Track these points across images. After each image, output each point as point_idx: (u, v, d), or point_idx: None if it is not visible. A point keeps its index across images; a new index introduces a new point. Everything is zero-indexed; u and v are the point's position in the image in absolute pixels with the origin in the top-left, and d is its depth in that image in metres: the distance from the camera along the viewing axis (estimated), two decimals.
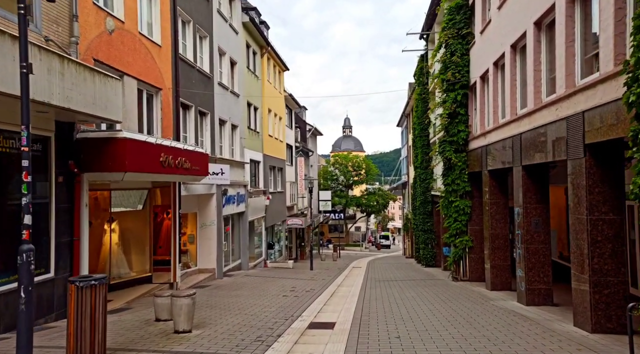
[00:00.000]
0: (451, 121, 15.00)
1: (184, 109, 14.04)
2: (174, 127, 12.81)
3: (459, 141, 14.86)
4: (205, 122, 15.73)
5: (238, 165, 18.95)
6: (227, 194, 16.87)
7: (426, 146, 23.78)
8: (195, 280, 14.70)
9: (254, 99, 21.88)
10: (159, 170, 9.72)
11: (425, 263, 23.51)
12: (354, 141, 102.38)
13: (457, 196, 15.19)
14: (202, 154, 12.07)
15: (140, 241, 12.53)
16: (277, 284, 15.05)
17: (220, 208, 16.34)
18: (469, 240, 14.98)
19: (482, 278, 14.86)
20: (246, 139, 20.35)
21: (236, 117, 18.90)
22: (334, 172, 59.19)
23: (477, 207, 15.07)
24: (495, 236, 12.38)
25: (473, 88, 14.50)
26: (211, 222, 16.07)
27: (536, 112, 8.78)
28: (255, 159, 22.03)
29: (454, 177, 15.09)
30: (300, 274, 19.18)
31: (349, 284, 15.86)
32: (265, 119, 23.92)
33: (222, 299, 11.12)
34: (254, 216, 21.20)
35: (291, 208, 31.13)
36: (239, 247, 19.60)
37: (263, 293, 12.67)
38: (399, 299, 11.21)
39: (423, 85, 23.68)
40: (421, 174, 23.96)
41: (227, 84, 17.77)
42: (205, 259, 16.02)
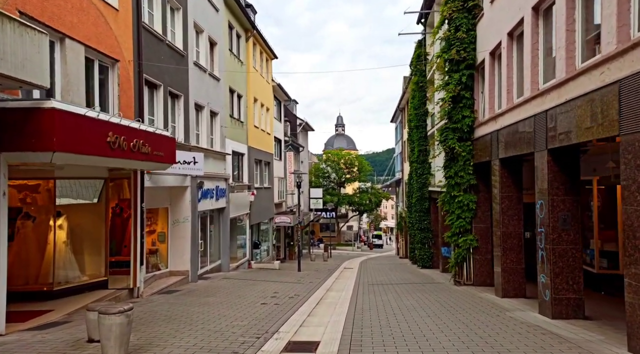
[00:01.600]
0: (455, 106, 13.33)
1: (150, 88, 12.23)
2: (136, 107, 11.00)
3: (463, 128, 13.19)
4: (177, 105, 13.91)
5: (218, 156, 17.16)
6: (204, 188, 15.07)
7: (423, 138, 22.15)
8: (164, 284, 12.90)
9: (237, 85, 20.09)
10: (105, 153, 7.92)
11: (421, 264, 21.88)
12: (347, 139, 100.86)
13: (460, 190, 13.54)
14: (166, 138, 10.28)
15: (94, 239, 10.71)
16: (258, 288, 13.30)
17: (196, 203, 14.54)
18: (474, 239, 13.33)
19: (488, 282, 13.23)
20: (228, 129, 18.55)
21: (216, 104, 17.10)
22: (326, 170, 57.46)
23: (483, 203, 13.43)
24: (507, 235, 10.74)
25: (480, 68, 12.84)
26: (185, 219, 14.27)
27: (569, 82, 7.12)
28: (239, 150, 20.24)
29: (457, 169, 13.44)
30: (286, 277, 17.44)
31: (339, 289, 14.15)
32: (250, 109, 22.14)
33: (187, 309, 9.35)
34: (237, 212, 19.42)
35: (279, 205, 29.37)
36: (218, 246, 17.81)
37: (239, 299, 10.92)
38: (396, 309, 9.52)
39: (420, 73, 22.03)
40: (418, 168, 22.32)
41: (205, 65, 15.96)
42: (178, 260, 14.22)
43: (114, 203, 11.96)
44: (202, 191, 15.17)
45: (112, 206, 12.03)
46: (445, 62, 13.56)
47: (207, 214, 16.47)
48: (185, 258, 14.22)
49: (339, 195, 56.32)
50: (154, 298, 10.93)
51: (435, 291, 12.58)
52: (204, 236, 16.14)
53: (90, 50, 9.24)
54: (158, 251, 14.09)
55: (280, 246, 31.48)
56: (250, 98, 22.14)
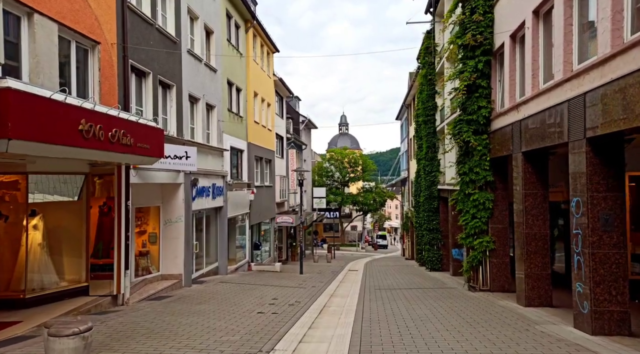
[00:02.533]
0: (469, 96, 12.26)
1: (137, 76, 11.23)
2: (121, 95, 10.00)
3: (479, 120, 12.12)
4: (169, 96, 12.91)
5: (215, 152, 16.15)
6: (198, 185, 14.06)
7: (432, 134, 21.07)
8: (155, 289, 11.90)
9: (236, 78, 19.07)
10: (77, 142, 6.91)
11: (430, 267, 20.79)
12: (350, 138, 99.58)
13: (475, 187, 12.46)
14: (152, 129, 9.27)
15: (74, 241, 9.71)
16: (256, 294, 12.28)
17: (190, 201, 13.54)
18: (490, 241, 12.26)
19: (506, 287, 12.17)
20: (226, 123, 17.54)
21: (213, 96, 16.10)
22: (329, 169, 56.41)
23: (501, 201, 12.36)
24: (531, 237, 9.66)
25: (498, 54, 11.77)
26: (177, 219, 13.26)
27: (617, 57, 6.04)
28: (238, 147, 19.23)
29: (472, 165, 12.36)
30: (287, 280, 16.42)
31: (343, 294, 13.11)
32: (250, 103, 21.12)
33: (174, 320, 8.33)
34: (235, 212, 18.41)
35: (281, 205, 28.35)
36: (215, 248, 16.80)
37: (234, 307, 9.90)
38: (409, 320, 8.46)
39: (429, 66, 20.95)
40: (426, 166, 21.23)
41: (201, 54, 14.95)
42: (170, 262, 13.21)
43: (101, 201, 11.02)
44: (197, 188, 14.16)
45: (100, 205, 11.09)
46: (459, 48, 12.49)
47: (203, 214, 15.47)
48: (178, 261, 13.22)
49: (342, 194, 55.25)
50: (140, 306, 9.92)
51: (448, 298, 11.52)
52: (199, 237, 15.14)
53: (65, 29, 8.23)
54: (149, 253, 13.09)
55: (283, 246, 30.46)
56: (250, 92, 21.13)
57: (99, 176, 10.52)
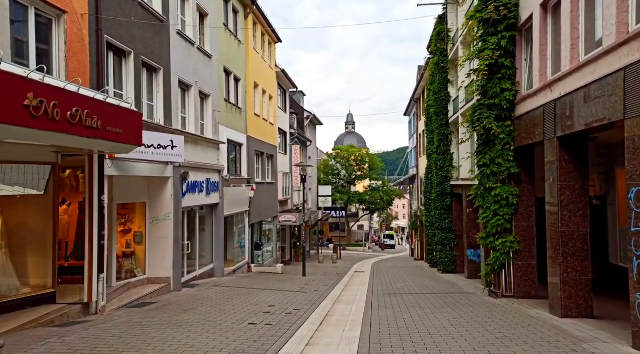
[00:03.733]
0: (491, 78, 10.88)
1: (116, 55, 9.99)
2: (94, 74, 8.75)
3: (502, 104, 10.73)
4: (156, 80, 11.66)
5: (209, 144, 14.90)
6: (189, 179, 12.80)
7: (444, 126, 19.68)
8: (139, 294, 10.67)
9: (234, 66, 17.81)
10: (22, 121, 5.67)
11: (442, 268, 19.39)
12: (357, 137, 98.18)
13: (497, 180, 11.08)
14: (127, 112, 8.01)
15: (40, 240, 8.49)
16: (252, 299, 11.00)
17: (180, 197, 12.28)
18: (515, 241, 10.88)
19: (532, 293, 10.79)
20: (223, 114, 16.28)
21: (207, 84, 14.85)
22: (335, 167, 55.05)
23: (526, 196, 10.98)
24: (568, 236, 8.27)
25: (524, 29, 10.38)
26: (166, 216, 12.02)
27: None
28: (236, 140, 17.97)
29: (494, 156, 10.98)
30: (288, 283, 15.13)
31: (348, 300, 11.79)
32: (250, 95, 19.85)
33: (146, 334, 7.07)
34: (233, 209, 17.15)
35: (284, 203, 27.07)
36: (211, 248, 15.55)
37: (223, 317, 8.62)
38: (425, 335, 7.13)
39: (441, 53, 19.56)
40: (438, 160, 19.83)
41: (193, 37, 13.70)
42: (158, 265, 11.97)
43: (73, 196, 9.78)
44: (189, 183, 12.91)
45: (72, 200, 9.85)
46: (479, 24, 11.11)
47: (196, 211, 14.22)
48: (166, 263, 11.98)
49: (349, 193, 53.90)
50: (116, 315, 8.68)
51: (468, 305, 10.15)
52: (191, 237, 13.89)
53: None
54: (134, 255, 11.87)
55: (286, 247, 29.19)
56: (250, 83, 19.86)
57: (72, 168, 9.28)
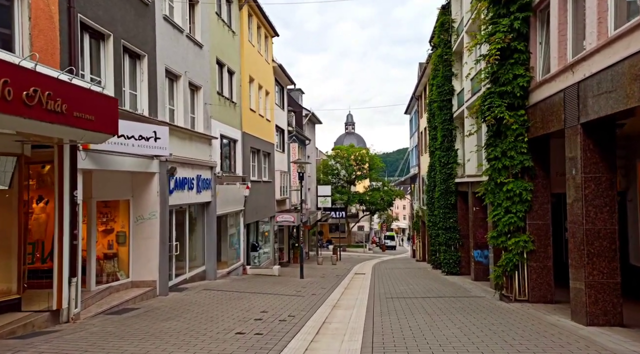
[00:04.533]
0: (503, 63, 10.02)
1: (94, 38, 9.13)
2: (65, 56, 7.89)
3: (515, 92, 9.87)
4: (139, 67, 10.81)
5: (200, 139, 14.04)
6: (177, 175, 11.93)
7: (448, 121, 18.82)
8: (120, 299, 9.79)
9: (228, 58, 16.97)
10: None
11: (446, 270, 18.51)
12: (357, 137, 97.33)
13: (509, 175, 10.23)
14: (99, 96, 7.14)
15: (2, 240, 7.62)
16: (243, 304, 10.13)
17: (166, 194, 11.41)
18: (529, 241, 10.02)
19: (548, 297, 9.93)
20: (215, 108, 15.43)
21: (198, 75, 13.99)
22: (335, 167, 54.18)
23: (541, 192, 10.12)
24: (594, 235, 7.40)
25: (539, 10, 9.53)
26: (151, 215, 11.15)
27: None
28: (230, 136, 17.11)
29: (506, 148, 10.12)
30: (285, 286, 14.25)
31: (348, 304, 10.92)
32: (245, 89, 19.00)
33: (117, 347, 6.19)
34: (226, 208, 16.28)
35: (282, 202, 26.20)
36: (202, 249, 14.68)
37: (208, 325, 7.75)
38: (435, 347, 6.25)
39: (445, 45, 18.71)
40: (441, 157, 18.97)
41: (182, 24, 12.85)
42: (142, 267, 11.10)
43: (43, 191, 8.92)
44: (177, 179, 12.05)
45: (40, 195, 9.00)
46: (489, 4, 10.26)
47: (186, 209, 13.35)
48: (151, 265, 11.10)
49: (349, 193, 53.02)
50: (90, 323, 7.81)
51: (479, 311, 9.28)
52: (180, 237, 13.03)
53: None
54: (116, 256, 11.00)
55: (284, 248, 28.31)
56: (245, 76, 19.01)
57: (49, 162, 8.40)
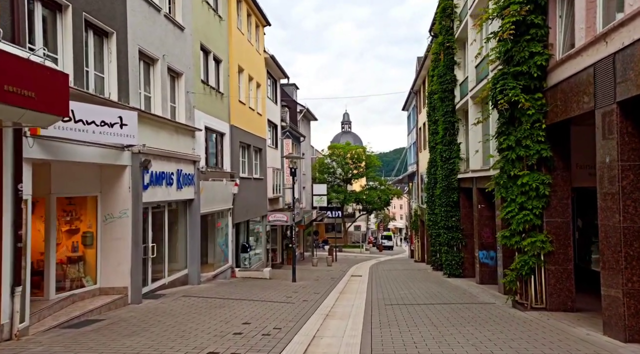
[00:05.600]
0: (517, 40, 8.87)
1: (48, 8, 7.89)
2: (7, 22, 6.66)
3: (531, 72, 8.72)
4: (107, 46, 9.58)
5: (182, 130, 12.83)
6: (153, 169, 10.70)
7: (450, 113, 17.67)
8: (83, 309, 8.58)
9: (214, 45, 15.76)
10: None
11: (448, 272, 17.36)
12: (353, 136, 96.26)
13: (524, 166, 9.09)
14: (45, 70, 5.91)
15: None
16: (224, 314, 8.93)
17: (140, 190, 10.18)
18: (546, 241, 8.87)
19: (569, 305, 8.79)
20: (199, 97, 14.22)
21: (178, 61, 12.78)
22: (331, 165, 53.00)
23: (561, 186, 8.98)
24: (633, 234, 6.24)
25: None
26: (122, 213, 9.93)
27: None
28: (217, 129, 15.90)
29: (521, 136, 8.96)
30: (275, 290, 13.06)
31: (343, 313, 9.74)
32: (233, 79, 17.79)
33: None
34: (213, 207, 15.06)
35: (275, 201, 25.01)
36: (184, 251, 13.45)
37: (177, 342, 6.54)
38: None
39: (447, 31, 17.56)
40: (443, 151, 17.81)
41: (158, 2, 11.63)
42: (112, 271, 9.88)
43: None
44: (153, 173, 10.82)
45: None
46: None
47: (164, 207, 12.13)
48: (122, 269, 9.88)
49: (345, 192, 51.84)
50: (36, 341, 6.59)
51: (493, 322, 8.11)
52: (158, 238, 11.80)
53: None
54: (83, 260, 9.77)
55: (277, 248, 27.11)
56: (234, 66, 17.79)
57: None
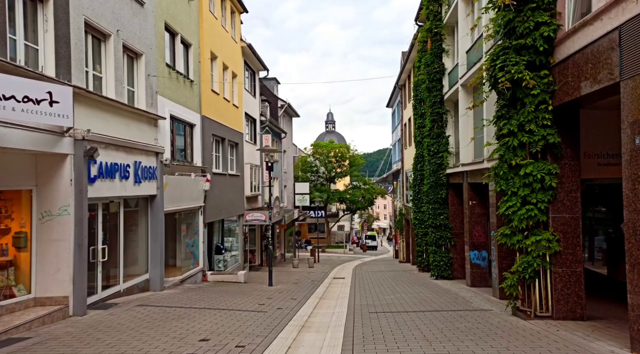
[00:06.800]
0: (521, 9, 7.73)
1: None
2: None
3: (536, 45, 7.58)
4: (41, 12, 8.10)
5: (141, 117, 11.38)
6: (101, 159, 9.24)
7: (438, 104, 16.55)
8: (8, 325, 7.12)
9: (181, 26, 14.32)
10: None
11: (436, 273, 16.23)
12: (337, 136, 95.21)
13: (527, 155, 7.95)
14: None
15: None
16: (180, 328, 7.56)
17: (84, 183, 8.72)
18: (553, 240, 7.75)
19: (578, 313, 7.69)
20: (164, 83, 12.78)
21: (137, 39, 11.33)
22: (314, 164, 51.73)
23: (569, 177, 7.87)
24: None
25: None
26: (62, 210, 8.47)
27: None
28: (185, 118, 14.45)
29: (524, 120, 7.82)
30: (247, 297, 11.72)
31: (321, 324, 8.48)
32: (205, 66, 16.36)
33: None
34: (180, 204, 13.61)
35: (253, 199, 23.64)
36: (145, 254, 11.99)
37: None
38: None
39: (434, 17, 16.44)
40: (431, 145, 16.70)
41: None
42: (50, 278, 8.41)
43: None
44: (102, 164, 9.37)
45: None
46: None
47: (119, 204, 10.66)
48: (63, 276, 8.42)
49: (328, 191, 50.62)
50: None
51: (495, 334, 6.93)
52: (111, 238, 10.33)
53: None
54: (13, 265, 8.28)
55: (256, 249, 25.71)
56: (205, 51, 16.36)
57: None
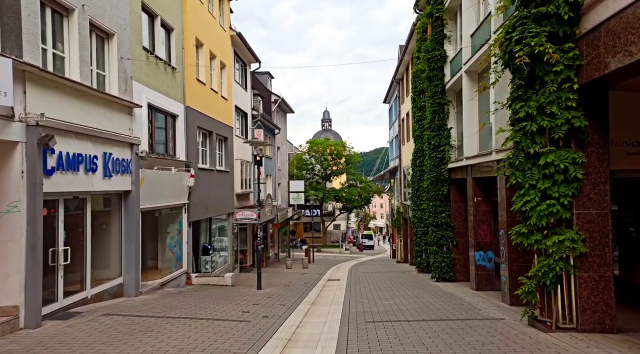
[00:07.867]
0: None
1: None
2: None
3: (560, 13, 6.51)
4: None
5: (113, 104, 10.23)
6: (58, 149, 8.10)
7: (439, 94, 15.48)
8: None
9: (161, 8, 13.16)
10: None
11: (438, 275, 15.16)
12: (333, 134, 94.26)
13: (546, 142, 6.88)
14: None
15: None
16: (145, 345, 6.46)
17: (39, 176, 7.58)
18: (578, 240, 6.69)
19: (607, 324, 6.62)
20: (141, 68, 11.65)
21: (108, 17, 10.19)
22: (310, 161, 50.63)
23: (596, 167, 6.80)
24: None
25: None
26: (11, 207, 7.34)
27: None
28: (165, 108, 13.31)
29: (544, 101, 6.74)
30: (231, 303, 10.62)
31: (311, 336, 7.39)
32: (189, 53, 15.22)
33: None
34: (159, 201, 12.47)
35: (244, 197, 22.52)
36: (119, 256, 10.86)
37: None
38: None
39: (435, 1, 15.36)
40: (431, 138, 15.62)
41: None
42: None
43: None
44: (62, 155, 8.23)
45: None
46: None
47: (85, 200, 9.51)
48: (12, 283, 7.29)
49: (324, 189, 49.53)
50: None
51: (514, 351, 5.85)
52: (76, 239, 9.19)
53: None
54: None
55: (247, 250, 24.60)
56: (190, 38, 15.22)
57: None
